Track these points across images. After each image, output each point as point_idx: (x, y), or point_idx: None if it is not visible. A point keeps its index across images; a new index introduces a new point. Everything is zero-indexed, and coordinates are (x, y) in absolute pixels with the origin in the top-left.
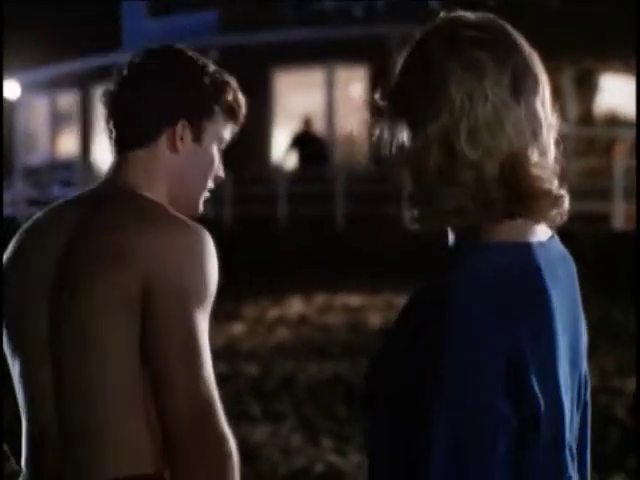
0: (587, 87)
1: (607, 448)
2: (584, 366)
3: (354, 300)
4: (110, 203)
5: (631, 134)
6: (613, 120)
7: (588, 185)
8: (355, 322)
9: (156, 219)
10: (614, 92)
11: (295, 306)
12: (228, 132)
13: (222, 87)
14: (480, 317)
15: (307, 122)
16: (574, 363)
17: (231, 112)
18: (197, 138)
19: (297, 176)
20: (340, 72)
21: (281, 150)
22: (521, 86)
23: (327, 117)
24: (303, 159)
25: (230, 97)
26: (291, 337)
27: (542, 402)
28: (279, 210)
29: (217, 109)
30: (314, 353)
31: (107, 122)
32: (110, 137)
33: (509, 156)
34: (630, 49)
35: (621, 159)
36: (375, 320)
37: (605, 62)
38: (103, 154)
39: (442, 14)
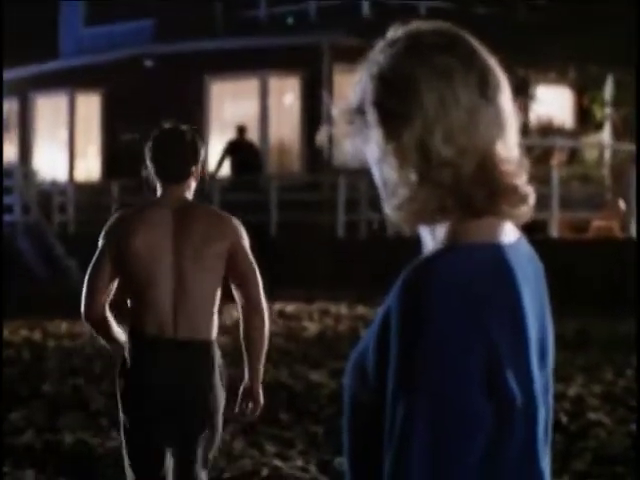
0: (522, 97)
1: (552, 452)
2: (550, 367)
3: (290, 307)
4: (191, 206)
5: (567, 143)
6: (548, 130)
7: None
8: (292, 329)
9: (225, 216)
10: (549, 102)
11: (232, 314)
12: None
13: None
14: (455, 318)
15: (241, 130)
16: (542, 361)
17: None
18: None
19: (231, 184)
20: (274, 81)
21: (215, 158)
22: (488, 85)
23: (261, 125)
24: (237, 167)
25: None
26: (230, 344)
27: (518, 396)
28: None
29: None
30: None
31: (160, 162)
32: (159, 171)
33: (482, 154)
34: (564, 59)
35: (559, 168)
36: (312, 327)
37: (540, 72)
38: (42, 161)
39: (395, 26)
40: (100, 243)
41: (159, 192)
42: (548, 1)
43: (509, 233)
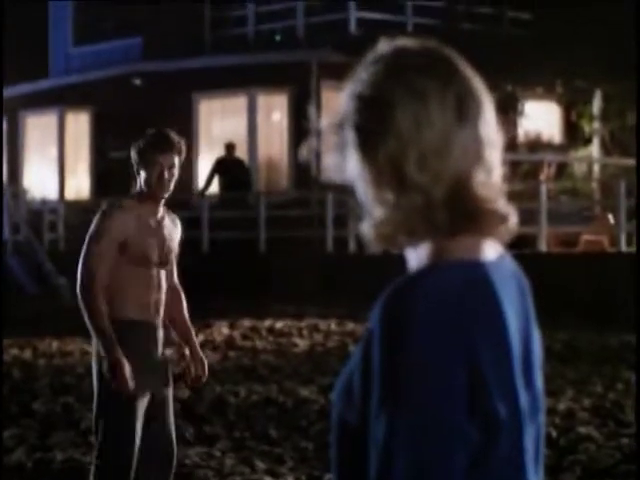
0: (510, 113)
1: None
2: (539, 383)
3: (279, 324)
4: None
5: (556, 158)
6: (537, 145)
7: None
8: (282, 345)
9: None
10: (537, 117)
11: (222, 330)
12: (164, 159)
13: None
14: (438, 335)
15: (230, 147)
16: (529, 378)
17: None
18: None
19: (220, 201)
20: (262, 98)
21: (205, 175)
22: (465, 109)
23: (249, 142)
24: (226, 184)
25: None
26: (219, 361)
27: (502, 412)
28: (203, 235)
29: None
30: (243, 376)
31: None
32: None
33: (456, 178)
34: (551, 75)
35: (548, 183)
36: (301, 343)
37: (527, 88)
38: (32, 179)
39: (383, 42)
40: None
41: None
42: (535, 17)
43: (491, 250)
